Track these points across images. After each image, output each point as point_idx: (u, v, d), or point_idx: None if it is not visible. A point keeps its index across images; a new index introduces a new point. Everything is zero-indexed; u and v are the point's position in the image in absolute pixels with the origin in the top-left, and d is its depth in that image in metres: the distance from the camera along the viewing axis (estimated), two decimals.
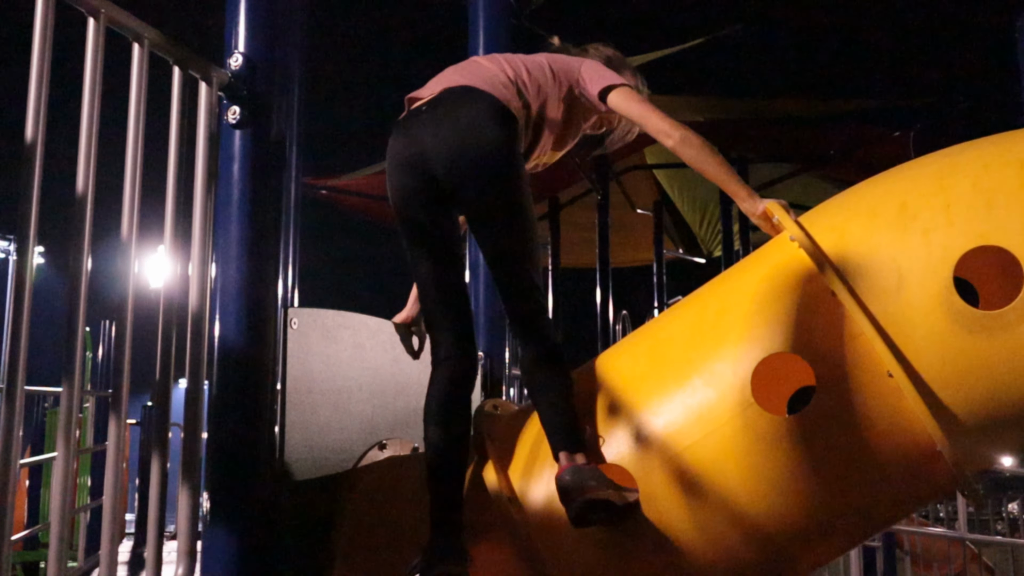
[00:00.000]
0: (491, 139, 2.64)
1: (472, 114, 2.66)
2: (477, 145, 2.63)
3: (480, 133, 2.64)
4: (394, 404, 3.03)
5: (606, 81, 2.81)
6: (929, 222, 2.49)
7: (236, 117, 2.67)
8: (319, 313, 2.82)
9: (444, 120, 2.66)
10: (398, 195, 2.73)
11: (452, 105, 2.69)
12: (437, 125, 2.66)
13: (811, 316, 2.50)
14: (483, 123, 2.65)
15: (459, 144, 2.63)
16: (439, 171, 2.65)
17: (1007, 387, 2.40)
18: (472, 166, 2.63)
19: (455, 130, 2.64)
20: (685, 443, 2.50)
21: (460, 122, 2.65)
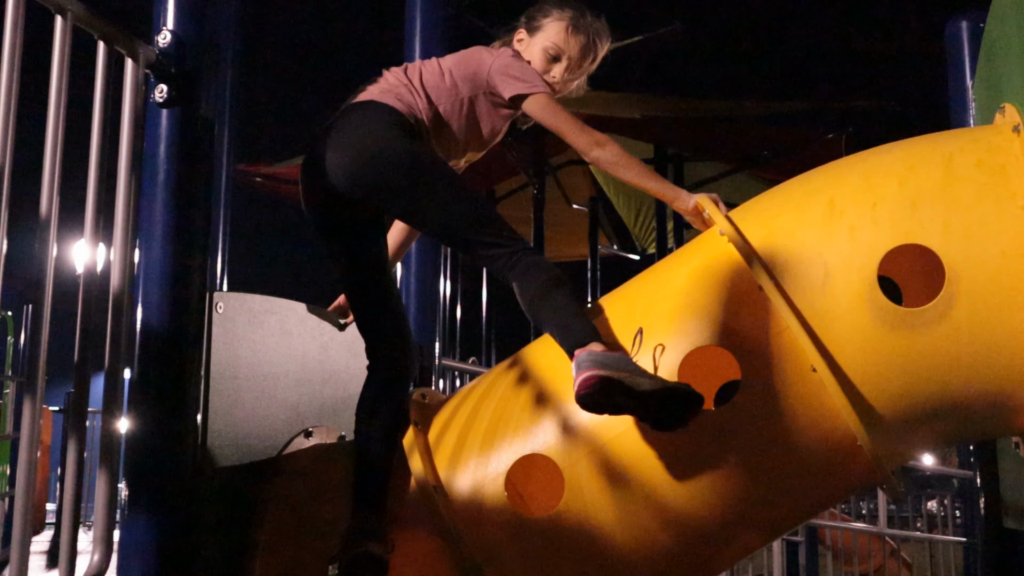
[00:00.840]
0: (380, 142, 2.66)
1: (360, 127, 2.69)
2: (369, 153, 2.65)
3: (369, 140, 2.66)
4: (321, 392, 3.00)
5: (516, 89, 2.78)
6: (856, 220, 2.53)
7: (163, 96, 2.61)
8: (246, 298, 2.78)
9: (338, 137, 2.70)
10: (310, 210, 2.80)
11: (344, 123, 2.73)
12: (334, 143, 2.69)
13: (738, 310, 2.52)
14: (371, 130, 2.68)
15: (354, 157, 2.65)
16: (343, 186, 2.68)
17: (926, 384, 2.44)
18: (368, 174, 2.65)
19: (348, 145, 2.67)
20: (611, 434, 2.51)
21: (350, 137, 2.68)
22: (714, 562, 2.79)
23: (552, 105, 2.77)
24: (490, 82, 2.82)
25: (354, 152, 2.66)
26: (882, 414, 2.44)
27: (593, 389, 2.29)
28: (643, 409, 2.34)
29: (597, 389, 2.29)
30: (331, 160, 2.68)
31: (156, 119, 2.63)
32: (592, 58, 2.97)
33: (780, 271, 2.50)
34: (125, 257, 2.43)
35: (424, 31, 4.49)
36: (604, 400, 2.32)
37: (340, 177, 2.67)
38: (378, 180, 2.66)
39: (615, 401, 2.32)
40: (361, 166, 2.64)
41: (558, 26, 2.92)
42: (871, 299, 2.44)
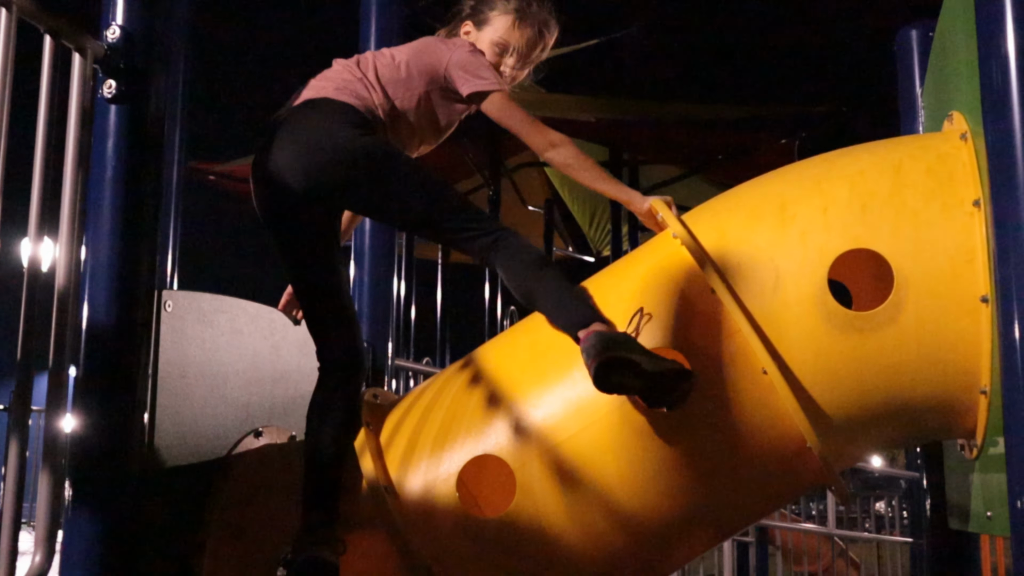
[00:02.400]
0: (338, 141, 2.62)
1: (314, 125, 2.65)
2: (328, 153, 2.61)
3: (324, 141, 2.62)
4: (272, 392, 2.97)
5: (474, 87, 2.75)
6: (807, 224, 2.55)
7: (112, 91, 2.57)
8: (195, 296, 2.75)
9: (292, 137, 2.66)
10: (262, 209, 2.75)
11: (297, 121, 2.69)
12: (288, 142, 2.65)
13: (690, 312, 2.54)
14: (325, 130, 2.63)
15: (308, 159, 2.61)
16: (297, 186, 2.63)
17: (875, 386, 2.47)
18: (326, 174, 2.61)
19: (302, 146, 2.63)
20: (563, 436, 2.51)
21: (305, 136, 2.64)
22: (665, 562, 2.80)
23: (509, 104, 2.75)
24: (448, 76, 2.79)
25: (311, 152, 2.61)
26: (831, 416, 2.47)
27: (606, 371, 2.33)
28: (648, 388, 2.38)
29: (611, 370, 2.33)
30: (286, 160, 2.63)
31: (104, 115, 2.59)
32: (541, 47, 2.95)
33: (732, 274, 2.51)
34: (71, 254, 2.38)
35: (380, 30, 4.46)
36: (618, 380, 2.35)
37: (297, 178, 2.62)
38: (339, 180, 2.62)
39: (626, 381, 2.36)
40: (320, 167, 2.60)
41: (505, 20, 2.90)
42: (821, 303, 2.46)
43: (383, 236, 4.23)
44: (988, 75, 2.42)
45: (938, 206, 2.52)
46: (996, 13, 2.40)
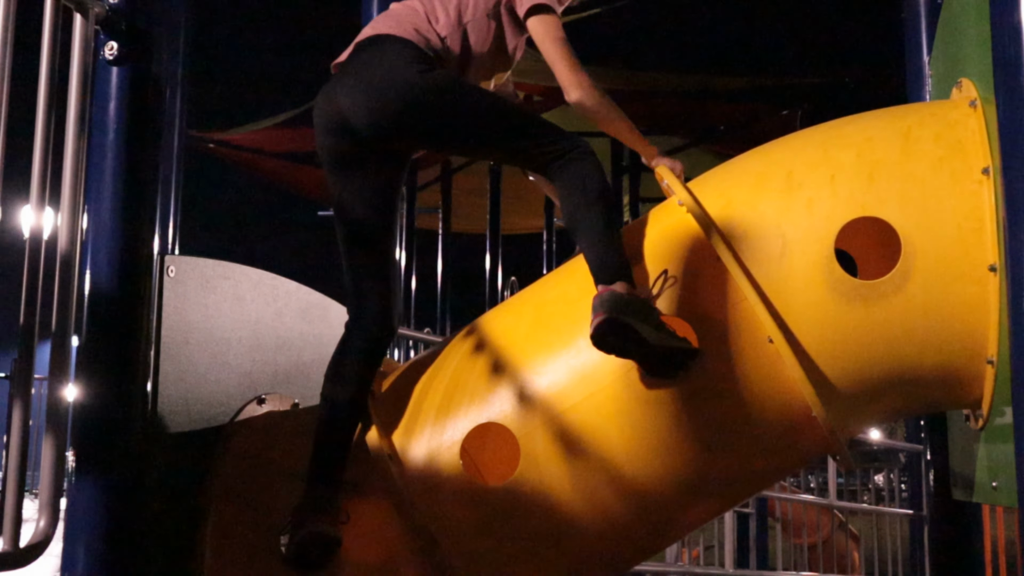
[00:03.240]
0: (398, 79, 2.56)
1: (376, 65, 2.60)
2: (388, 92, 2.56)
3: (387, 80, 2.56)
4: (275, 359, 2.96)
5: (530, 1, 2.68)
6: (814, 192, 2.53)
7: (114, 53, 2.54)
8: (198, 262, 2.73)
9: (355, 78, 2.61)
10: (325, 156, 2.69)
11: (360, 62, 2.65)
12: (350, 86, 2.61)
13: (696, 280, 2.52)
14: (388, 69, 2.58)
15: (375, 99, 2.57)
16: (363, 128, 2.59)
17: (880, 356, 2.46)
18: (392, 113, 2.56)
19: (367, 86, 2.59)
20: (568, 403, 2.50)
21: (368, 77, 2.59)
22: (668, 531, 2.81)
23: (558, 29, 2.68)
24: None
25: (375, 93, 2.56)
26: (837, 385, 2.45)
27: (604, 331, 2.33)
28: (646, 358, 2.40)
29: (608, 331, 2.33)
30: (350, 103, 2.59)
31: (106, 77, 2.57)
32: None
33: (738, 242, 2.49)
34: (73, 220, 2.36)
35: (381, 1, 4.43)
36: (616, 343, 2.36)
37: (362, 120, 2.58)
38: (406, 118, 2.57)
39: (625, 346, 2.36)
40: (385, 107, 2.56)
41: None
42: (828, 271, 2.45)
43: None
44: (1000, 41, 2.39)
45: (947, 174, 2.50)
46: None
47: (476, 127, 2.63)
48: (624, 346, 2.36)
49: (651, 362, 2.41)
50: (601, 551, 2.63)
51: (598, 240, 2.49)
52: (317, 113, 2.69)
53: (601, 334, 2.33)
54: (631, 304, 2.36)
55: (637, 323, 2.33)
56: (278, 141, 9.62)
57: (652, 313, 2.39)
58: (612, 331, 2.33)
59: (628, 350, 2.38)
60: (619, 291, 2.39)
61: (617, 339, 2.34)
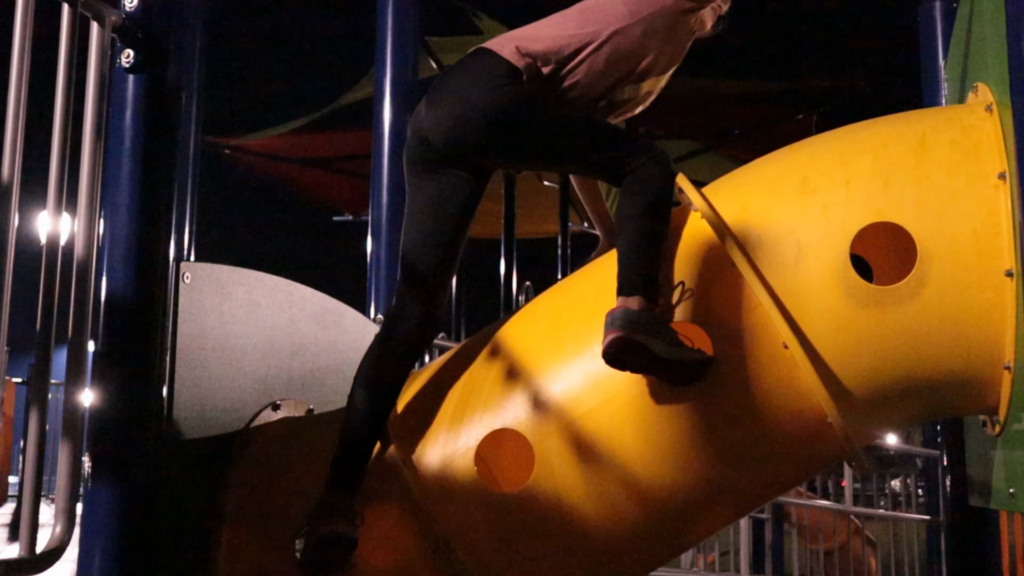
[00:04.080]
0: (472, 98, 2.58)
1: (458, 82, 2.64)
2: (462, 111, 2.58)
3: (462, 98, 2.60)
4: (290, 365, 2.96)
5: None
6: (829, 197, 2.52)
7: (130, 61, 2.55)
8: (213, 268, 2.74)
9: (440, 92, 2.66)
10: (407, 157, 2.74)
11: (450, 76, 2.70)
12: (436, 94, 2.66)
13: (711, 286, 2.52)
14: (467, 87, 2.61)
15: (450, 116, 2.60)
16: (436, 141, 2.63)
17: (896, 362, 2.45)
18: (463, 133, 2.59)
19: (447, 99, 2.63)
20: (582, 410, 2.50)
21: (449, 92, 2.64)
22: (683, 538, 2.80)
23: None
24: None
25: (452, 109, 2.60)
26: (852, 391, 2.45)
27: (616, 349, 2.36)
28: (660, 372, 2.42)
29: (621, 349, 2.36)
30: (432, 116, 2.63)
31: (122, 85, 2.58)
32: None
33: (753, 248, 2.49)
34: (89, 226, 2.38)
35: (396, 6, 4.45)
36: (628, 359, 2.38)
37: (439, 135, 2.62)
38: (477, 140, 2.60)
39: (638, 362, 2.39)
40: (459, 126, 2.59)
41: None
42: (843, 277, 2.44)
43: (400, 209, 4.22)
44: (1016, 45, 2.39)
45: (962, 179, 2.49)
46: None
47: (559, 143, 2.66)
48: (637, 362, 2.39)
49: (665, 374, 2.42)
50: (616, 557, 2.62)
51: (635, 249, 2.49)
52: (412, 118, 2.76)
53: (614, 352, 2.36)
54: (643, 321, 2.37)
55: (649, 340, 2.35)
56: (293, 147, 9.65)
57: (664, 328, 2.40)
58: (625, 349, 2.35)
59: (641, 366, 2.40)
60: (633, 307, 2.40)
61: (630, 356, 2.37)
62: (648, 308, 2.42)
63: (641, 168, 2.57)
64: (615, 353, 2.36)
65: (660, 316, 2.44)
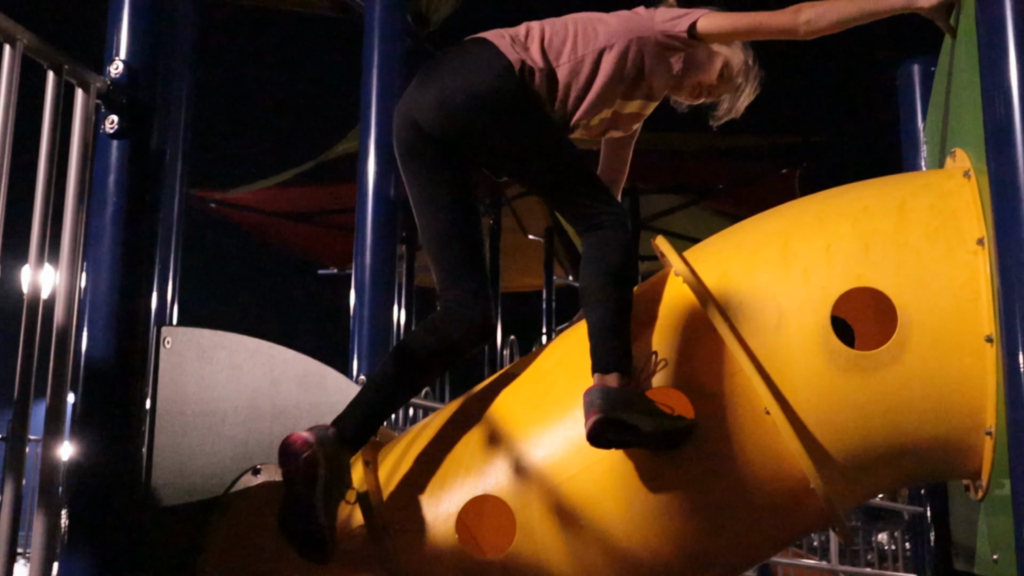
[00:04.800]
0: (476, 89, 2.56)
1: (457, 66, 2.62)
2: (459, 97, 2.56)
3: (466, 83, 2.57)
4: (271, 428, 2.94)
5: (691, 16, 2.67)
6: (809, 262, 2.54)
7: (114, 127, 2.56)
8: (194, 332, 2.72)
9: (435, 75, 2.63)
10: (398, 143, 2.72)
11: (445, 60, 2.67)
12: (429, 81, 2.63)
13: (692, 351, 2.52)
14: (467, 72, 2.58)
15: (440, 96, 2.58)
16: (425, 120, 2.61)
17: (878, 427, 2.45)
18: (458, 118, 2.57)
19: (441, 78, 2.60)
20: (564, 476, 2.49)
21: (446, 77, 2.61)
22: None
23: (725, 13, 2.67)
24: (656, 28, 2.69)
25: (448, 95, 2.57)
26: (835, 457, 2.44)
27: (600, 431, 2.34)
28: (644, 444, 2.42)
29: (604, 430, 2.35)
30: (424, 99, 2.61)
31: (106, 150, 2.59)
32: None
33: (735, 313, 2.50)
34: (71, 289, 2.38)
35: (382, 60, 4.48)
36: (613, 438, 2.38)
37: (430, 119, 2.59)
38: (469, 127, 2.58)
39: (622, 439, 2.39)
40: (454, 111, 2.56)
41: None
42: (825, 342, 2.45)
43: (383, 266, 4.22)
44: (991, 111, 2.42)
45: (942, 244, 2.51)
46: (999, 48, 2.39)
47: (538, 146, 2.61)
48: (622, 440, 2.39)
49: (650, 446, 2.43)
50: None
51: (604, 325, 2.49)
52: (399, 102, 2.73)
53: (597, 434, 2.35)
54: (622, 398, 2.37)
55: (631, 416, 2.35)
56: (279, 200, 9.67)
57: (644, 401, 2.40)
58: (608, 430, 2.35)
59: (627, 442, 2.40)
60: (611, 384, 2.40)
61: (614, 435, 2.37)
62: (625, 383, 2.42)
63: (603, 228, 2.56)
64: (599, 435, 2.35)
65: (638, 389, 2.44)
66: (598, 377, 2.43)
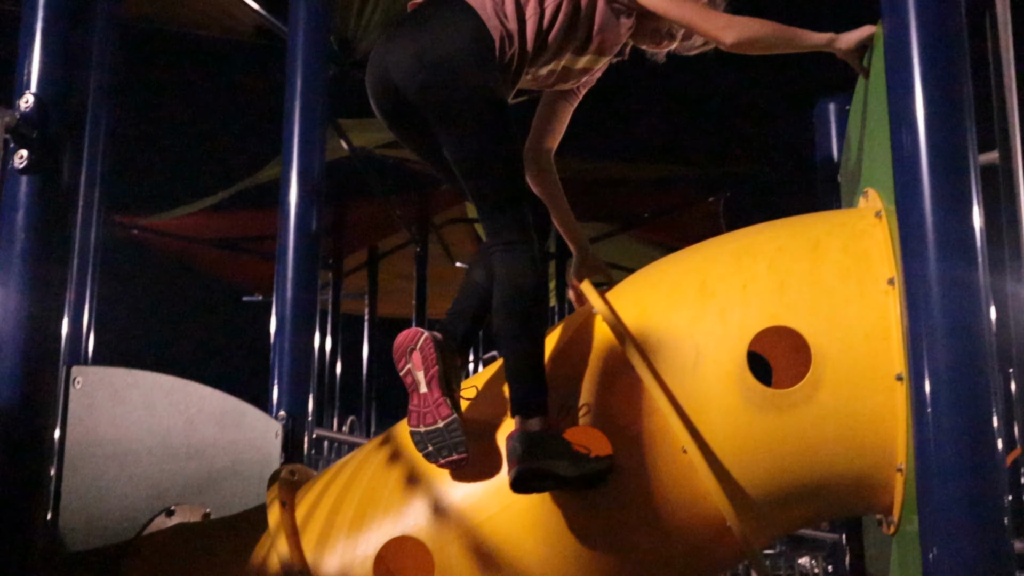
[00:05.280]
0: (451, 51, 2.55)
1: (433, 31, 2.59)
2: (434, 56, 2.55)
3: (440, 44, 2.56)
4: (185, 468, 2.89)
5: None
6: (726, 301, 2.56)
7: (23, 162, 2.50)
8: (107, 371, 2.67)
9: (410, 37, 2.61)
10: (374, 102, 2.70)
11: (419, 20, 2.64)
12: (404, 42, 2.60)
13: (612, 390, 2.53)
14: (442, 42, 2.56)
15: (414, 54, 2.56)
16: (403, 88, 2.59)
17: (793, 465, 2.48)
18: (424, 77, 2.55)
19: (415, 40, 2.58)
20: (483, 516, 2.48)
21: (421, 40, 2.58)
22: None
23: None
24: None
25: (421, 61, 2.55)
26: (751, 495, 2.46)
27: (523, 480, 2.36)
28: (567, 488, 2.43)
29: (526, 479, 2.36)
30: (396, 60, 2.59)
31: (15, 185, 2.52)
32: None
33: (653, 351, 2.51)
34: None
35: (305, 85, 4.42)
36: (534, 485, 2.40)
37: (404, 81, 2.57)
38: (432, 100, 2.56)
39: (544, 485, 2.41)
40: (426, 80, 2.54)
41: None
42: (741, 380, 2.47)
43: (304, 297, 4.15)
44: (900, 155, 2.46)
45: (854, 284, 2.55)
46: (906, 91, 2.43)
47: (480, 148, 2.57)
48: (544, 486, 2.41)
49: (572, 488, 2.44)
50: None
51: (520, 368, 2.49)
52: (371, 59, 2.69)
53: (520, 482, 2.37)
54: (544, 445, 2.38)
55: (552, 463, 2.36)
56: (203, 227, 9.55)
57: (564, 445, 2.41)
58: (530, 478, 2.36)
59: (549, 487, 2.42)
60: (532, 429, 2.41)
61: (536, 483, 2.38)
62: (545, 424, 2.43)
63: (512, 250, 2.54)
64: (522, 483, 2.37)
65: (558, 430, 2.44)
66: (519, 420, 2.43)
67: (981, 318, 2.24)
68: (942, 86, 2.33)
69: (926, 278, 2.31)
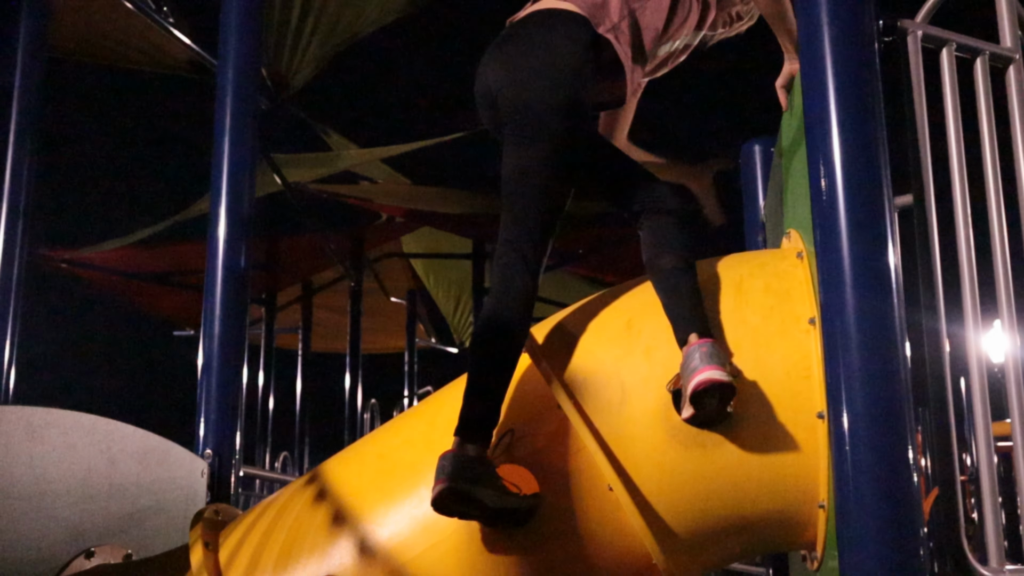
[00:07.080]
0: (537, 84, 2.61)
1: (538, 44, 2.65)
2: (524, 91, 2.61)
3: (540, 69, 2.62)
4: (106, 508, 2.83)
5: None
6: (652, 339, 2.59)
7: None
8: (24, 411, 2.61)
9: (504, 58, 2.67)
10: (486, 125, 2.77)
11: (516, 40, 2.70)
12: (498, 63, 2.68)
13: (540, 428, 2.54)
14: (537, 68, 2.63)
15: (508, 79, 2.63)
16: (494, 97, 2.67)
17: (718, 502, 2.50)
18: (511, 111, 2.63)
19: (511, 64, 2.65)
20: (409, 555, 2.46)
21: (521, 54, 2.65)
22: None
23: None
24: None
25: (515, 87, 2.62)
26: (677, 532, 2.48)
27: (445, 499, 2.34)
28: (487, 519, 2.42)
29: (449, 499, 2.34)
30: (492, 79, 2.66)
31: None
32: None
33: (579, 390, 2.53)
34: None
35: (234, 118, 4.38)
36: (457, 509, 2.38)
37: (495, 92, 2.64)
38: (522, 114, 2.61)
39: (466, 511, 2.38)
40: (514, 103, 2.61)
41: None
42: (666, 418, 2.49)
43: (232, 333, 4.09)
44: (818, 199, 2.51)
45: (776, 323, 2.59)
46: (824, 133, 2.48)
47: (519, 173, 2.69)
48: (465, 511, 2.39)
49: (493, 522, 2.43)
50: None
51: (479, 384, 2.50)
52: (476, 76, 2.75)
53: (442, 501, 2.35)
54: (474, 468, 2.37)
55: (477, 490, 2.35)
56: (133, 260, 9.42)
57: (493, 478, 2.40)
58: (452, 498, 2.35)
59: (470, 514, 2.40)
60: (467, 453, 2.40)
61: (458, 505, 2.36)
62: (481, 454, 2.42)
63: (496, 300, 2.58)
64: (444, 502, 2.35)
65: (490, 463, 2.44)
66: (457, 441, 2.42)
67: (898, 356, 2.29)
68: (857, 127, 2.40)
69: (844, 316, 2.35)
